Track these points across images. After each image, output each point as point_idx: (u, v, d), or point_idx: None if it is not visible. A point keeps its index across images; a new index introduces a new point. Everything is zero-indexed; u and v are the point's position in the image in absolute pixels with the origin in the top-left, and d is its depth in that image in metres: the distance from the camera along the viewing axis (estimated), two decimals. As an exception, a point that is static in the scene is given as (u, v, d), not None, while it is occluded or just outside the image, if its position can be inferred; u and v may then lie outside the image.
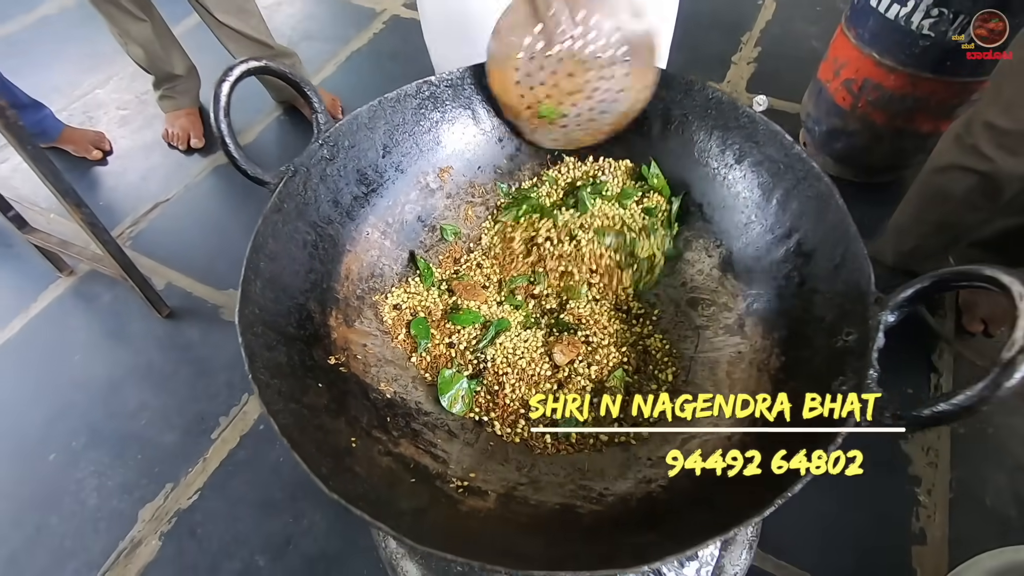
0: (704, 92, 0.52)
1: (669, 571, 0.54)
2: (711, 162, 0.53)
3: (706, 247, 0.54)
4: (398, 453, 0.40)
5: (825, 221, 0.44)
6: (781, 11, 1.87)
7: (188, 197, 1.46)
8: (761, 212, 0.50)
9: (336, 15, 1.99)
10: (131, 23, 1.40)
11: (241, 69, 0.46)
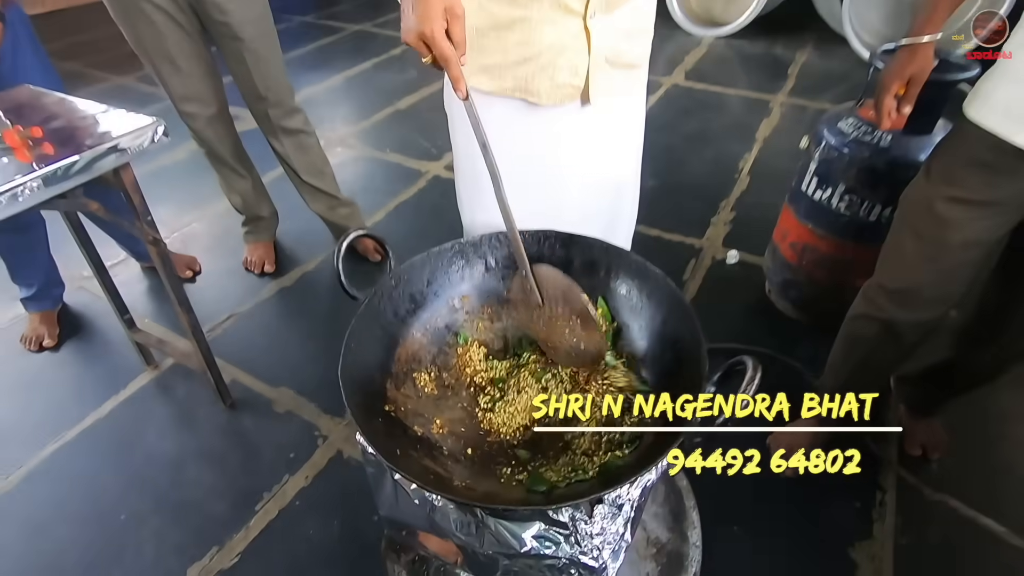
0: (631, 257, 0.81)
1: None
2: (631, 295, 0.80)
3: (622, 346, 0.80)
4: (424, 464, 0.62)
5: (676, 316, 0.70)
6: (753, 184, 2.28)
7: (257, 311, 1.78)
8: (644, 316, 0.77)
9: (389, 173, 2.47)
10: (236, 179, 1.83)
11: (353, 235, 0.76)
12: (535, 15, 0.77)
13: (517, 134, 0.87)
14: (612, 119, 0.92)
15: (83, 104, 1.14)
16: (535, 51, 0.80)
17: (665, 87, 3.14)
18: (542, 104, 0.84)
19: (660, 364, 0.74)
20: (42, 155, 0.97)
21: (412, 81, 3.29)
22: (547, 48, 0.80)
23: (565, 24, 0.78)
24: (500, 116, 0.86)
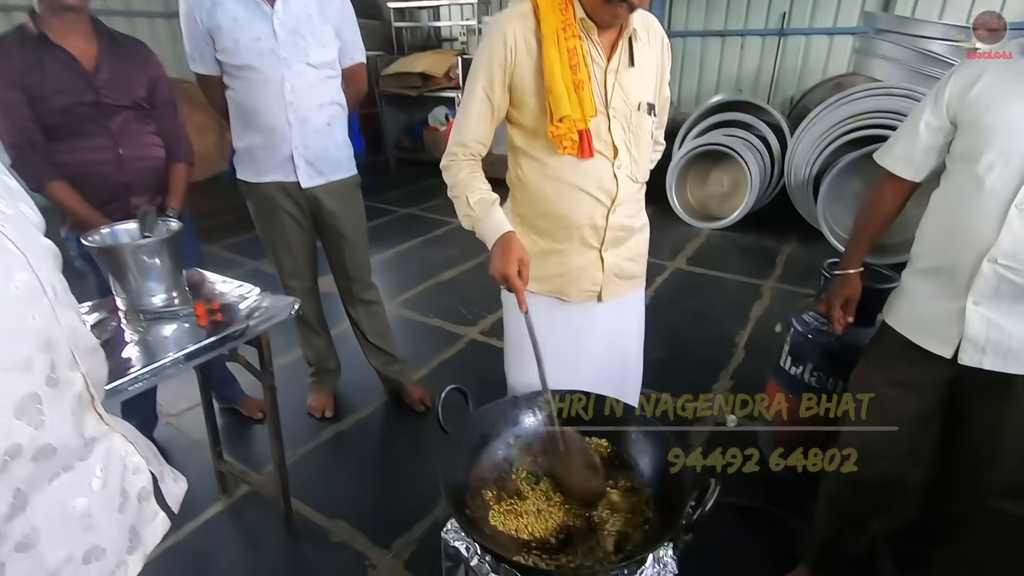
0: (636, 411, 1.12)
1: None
2: (636, 439, 1.10)
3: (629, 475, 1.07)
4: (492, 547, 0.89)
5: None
6: (748, 357, 2.62)
7: (317, 451, 2.05)
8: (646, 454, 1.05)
9: (432, 335, 2.88)
10: (314, 337, 2.23)
11: (448, 389, 1.10)
12: (567, 248, 1.20)
13: (553, 321, 1.25)
14: (620, 311, 1.31)
15: (235, 284, 1.57)
16: (567, 269, 1.22)
17: (670, 270, 3.66)
18: (571, 301, 1.24)
19: (657, 488, 1.02)
20: (215, 322, 1.36)
21: (453, 257, 3.88)
22: (575, 268, 1.21)
23: (587, 254, 1.21)
24: (541, 307, 1.25)
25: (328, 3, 1.80)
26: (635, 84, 1.15)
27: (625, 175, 1.18)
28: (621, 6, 1.04)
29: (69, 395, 0.61)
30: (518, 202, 1.24)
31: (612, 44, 1.13)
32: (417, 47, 7.13)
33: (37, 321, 0.57)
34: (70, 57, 1.56)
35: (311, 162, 1.86)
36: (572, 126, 1.08)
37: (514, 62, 1.11)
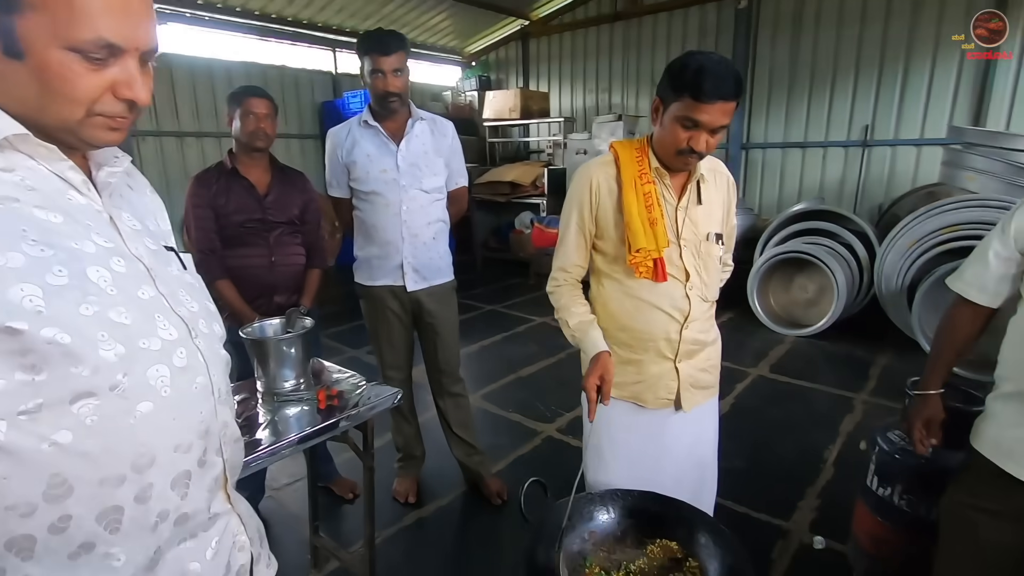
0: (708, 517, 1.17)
1: None
2: (707, 544, 1.14)
3: None
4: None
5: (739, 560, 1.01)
6: (838, 474, 2.50)
7: (398, 534, 2.17)
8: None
9: (511, 430, 2.99)
10: (404, 424, 2.43)
11: (529, 482, 1.22)
12: (644, 359, 1.34)
13: (632, 425, 1.36)
14: (696, 420, 1.39)
15: (348, 373, 1.81)
16: (644, 378, 1.34)
17: (751, 378, 3.60)
18: (648, 408, 1.35)
19: None
20: (331, 407, 1.59)
21: (533, 354, 4.05)
22: (651, 377, 1.34)
23: (663, 364, 1.33)
24: (621, 412, 1.37)
25: (441, 139, 2.18)
26: (703, 218, 1.33)
27: (697, 295, 1.33)
28: (691, 156, 1.24)
29: (210, 476, 0.73)
30: (600, 316, 1.41)
31: (682, 186, 1.33)
32: (508, 158, 7.85)
33: (203, 415, 0.70)
34: (250, 185, 2.01)
35: (417, 269, 2.16)
36: (648, 255, 1.26)
37: (598, 203, 1.34)
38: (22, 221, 0.57)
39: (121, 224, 0.68)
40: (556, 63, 7.83)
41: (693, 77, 1.15)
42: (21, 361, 0.55)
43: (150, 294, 0.66)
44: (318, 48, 7.10)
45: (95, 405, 0.59)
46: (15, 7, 0.55)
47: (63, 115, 0.60)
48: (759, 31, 6.03)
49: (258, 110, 1.97)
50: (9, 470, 0.56)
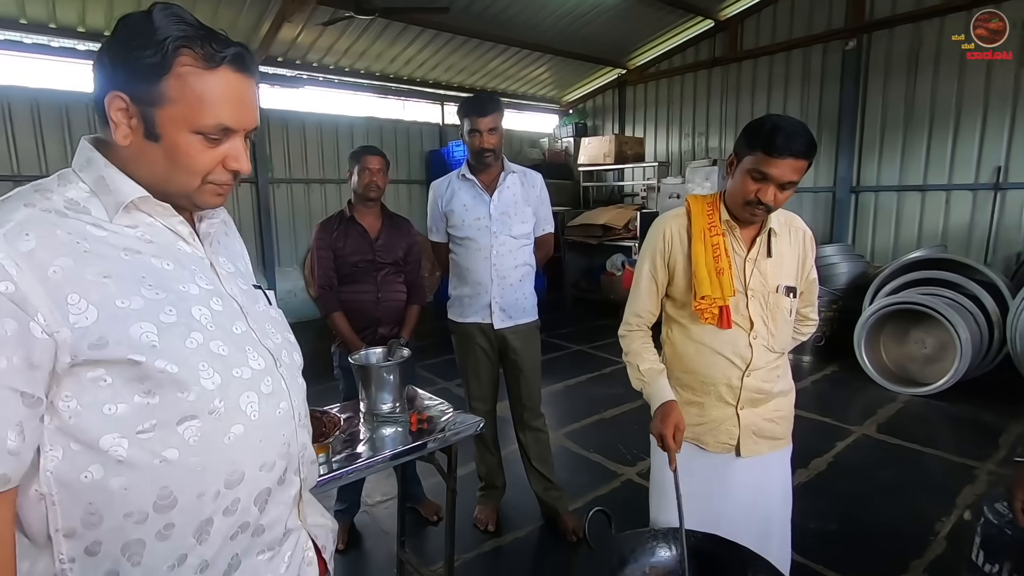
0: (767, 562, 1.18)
1: None
2: None
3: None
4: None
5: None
6: (950, 549, 2.27)
7: (477, 560, 2.29)
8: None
9: (591, 470, 3.03)
10: (487, 455, 2.57)
11: (594, 511, 1.31)
12: (706, 402, 1.39)
13: (692, 466, 1.41)
14: (761, 469, 1.41)
15: (437, 400, 1.99)
16: (705, 420, 1.39)
17: (855, 436, 3.35)
18: (708, 450, 1.39)
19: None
20: (421, 430, 1.77)
21: (618, 396, 4.06)
22: (712, 420, 1.38)
23: (724, 409, 1.37)
24: (682, 452, 1.41)
25: (530, 190, 2.38)
26: (773, 270, 1.38)
27: (761, 344, 1.36)
28: (759, 208, 1.31)
29: (288, 493, 0.80)
30: (666, 358, 1.48)
31: (752, 238, 1.39)
32: (601, 202, 7.99)
33: (285, 437, 0.78)
34: (364, 230, 2.32)
35: (504, 308, 2.33)
36: (713, 302, 1.33)
37: (669, 252, 1.43)
38: (142, 269, 0.69)
39: (219, 268, 0.79)
40: (652, 109, 7.94)
41: (767, 133, 1.23)
42: (140, 387, 0.65)
43: (242, 329, 0.76)
44: (427, 102, 7.78)
45: (197, 426, 0.68)
46: (159, 101, 0.67)
47: (183, 184, 0.72)
48: (869, 72, 5.78)
49: (372, 166, 2.29)
50: (128, 482, 0.65)
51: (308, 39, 5.78)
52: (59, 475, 0.64)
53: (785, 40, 6.33)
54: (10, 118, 4.95)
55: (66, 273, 0.63)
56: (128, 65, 0.67)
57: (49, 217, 0.65)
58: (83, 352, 0.62)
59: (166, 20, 0.67)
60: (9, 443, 0.60)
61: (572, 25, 6.44)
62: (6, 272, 0.59)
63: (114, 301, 0.65)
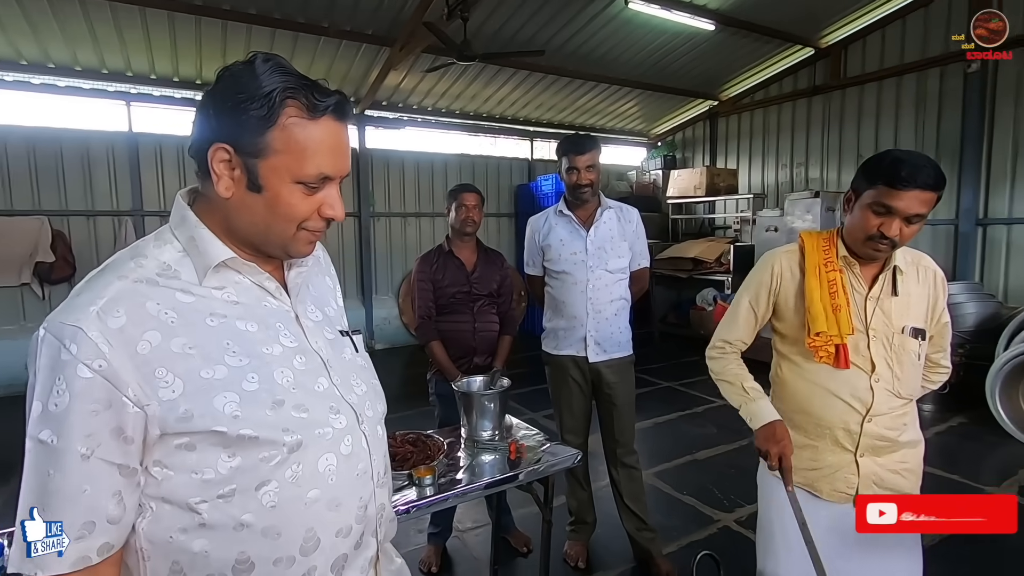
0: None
1: None
2: None
3: None
4: None
5: None
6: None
7: (567, 597, 2.26)
8: None
9: (685, 513, 2.91)
10: (579, 489, 2.55)
11: (702, 554, 1.28)
12: (820, 445, 1.32)
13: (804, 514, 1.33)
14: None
15: (534, 431, 2.03)
16: (819, 465, 1.32)
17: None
18: (823, 498, 1.31)
19: None
20: (520, 459, 1.81)
21: (711, 437, 3.88)
22: (827, 466, 1.31)
23: (841, 455, 1.30)
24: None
25: (627, 225, 2.41)
26: (898, 310, 1.31)
27: (884, 388, 1.28)
28: (882, 243, 1.25)
29: (364, 557, 0.78)
30: (777, 396, 1.43)
31: (874, 276, 1.33)
32: (690, 235, 7.81)
33: (363, 500, 0.75)
34: (461, 263, 2.43)
35: (599, 342, 2.35)
36: (828, 340, 1.28)
37: (779, 287, 1.40)
38: (227, 335, 0.70)
39: (304, 320, 0.78)
40: (746, 139, 7.73)
41: (890, 166, 1.19)
42: (223, 452, 0.66)
43: (325, 386, 0.75)
44: (516, 138, 8.06)
45: (275, 491, 0.67)
46: (263, 152, 0.67)
47: (281, 232, 0.72)
48: (997, 95, 5.31)
49: (469, 203, 2.42)
50: (209, 545, 0.66)
51: (410, 84, 6.23)
52: (148, 533, 0.66)
53: (896, 65, 5.97)
54: (138, 160, 5.73)
55: (154, 348, 0.64)
56: (233, 117, 0.67)
57: (140, 288, 0.67)
58: (171, 425, 0.64)
59: (270, 71, 0.67)
60: (110, 512, 0.63)
61: (663, 60, 6.47)
62: (99, 350, 0.61)
63: (199, 372, 0.66)
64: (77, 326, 0.62)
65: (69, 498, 0.61)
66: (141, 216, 5.66)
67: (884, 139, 6.14)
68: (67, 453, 0.61)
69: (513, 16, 5.23)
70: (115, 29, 4.64)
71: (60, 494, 0.61)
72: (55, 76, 5.16)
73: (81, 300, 0.64)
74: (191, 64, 5.38)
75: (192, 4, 4.47)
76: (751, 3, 5.45)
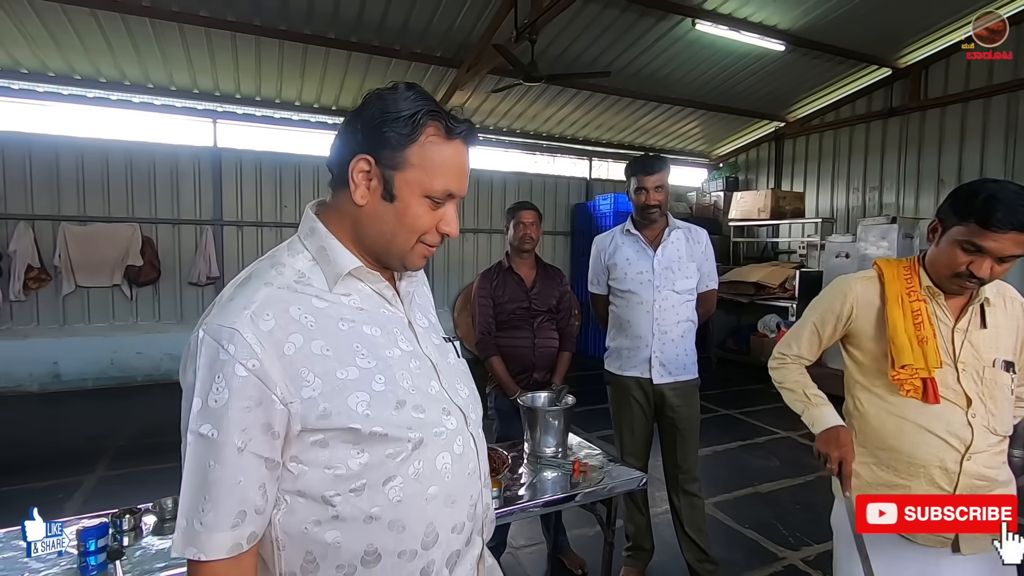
0: None
1: None
2: None
3: None
4: None
5: None
6: None
7: (623, 624, 2.20)
8: None
9: (746, 547, 2.79)
10: (637, 514, 2.49)
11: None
12: (913, 485, 1.24)
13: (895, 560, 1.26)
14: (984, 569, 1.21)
15: (596, 450, 2.01)
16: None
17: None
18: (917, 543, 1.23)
19: None
20: (583, 478, 1.79)
21: (773, 470, 3.72)
22: None
23: None
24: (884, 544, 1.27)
25: (695, 246, 2.37)
26: (987, 343, 1.23)
27: (982, 424, 1.20)
28: (970, 281, 1.18)
29: (472, 555, 0.81)
30: (857, 431, 1.36)
31: (961, 307, 1.26)
32: (752, 259, 7.58)
33: (473, 498, 0.80)
34: (520, 279, 2.46)
35: (664, 364, 2.31)
36: (915, 373, 1.22)
37: (853, 316, 1.34)
38: (356, 339, 0.75)
39: (416, 326, 0.83)
40: (814, 162, 7.47)
41: (983, 203, 1.12)
42: (354, 449, 0.70)
43: (436, 388, 0.79)
44: (575, 158, 8.10)
45: (400, 486, 0.72)
46: (401, 165, 0.74)
47: (403, 243, 0.78)
48: (1099, 118, 4.93)
49: (527, 220, 2.45)
50: (340, 536, 0.70)
51: (474, 104, 6.40)
52: (284, 525, 0.71)
53: (983, 86, 5.65)
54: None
55: (298, 349, 0.69)
56: (379, 132, 0.74)
57: (283, 295, 0.72)
58: (311, 422, 0.69)
59: (414, 96, 0.75)
60: (257, 503, 0.67)
61: (729, 80, 6.38)
62: (252, 351, 0.66)
63: (335, 373, 0.71)
64: (234, 328, 0.67)
65: (227, 488, 0.66)
66: (220, 226, 6.03)
67: (969, 165, 5.79)
68: (226, 446, 0.66)
69: (579, 37, 5.30)
70: (208, 52, 5.03)
71: (220, 484, 0.66)
72: (152, 95, 5.62)
73: (235, 304, 0.70)
74: (272, 85, 5.73)
75: (276, 29, 4.79)
76: (824, 23, 5.31)
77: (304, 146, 6.51)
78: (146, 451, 3.90)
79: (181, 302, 5.96)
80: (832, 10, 5.10)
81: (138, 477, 3.46)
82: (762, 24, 5.31)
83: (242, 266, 6.45)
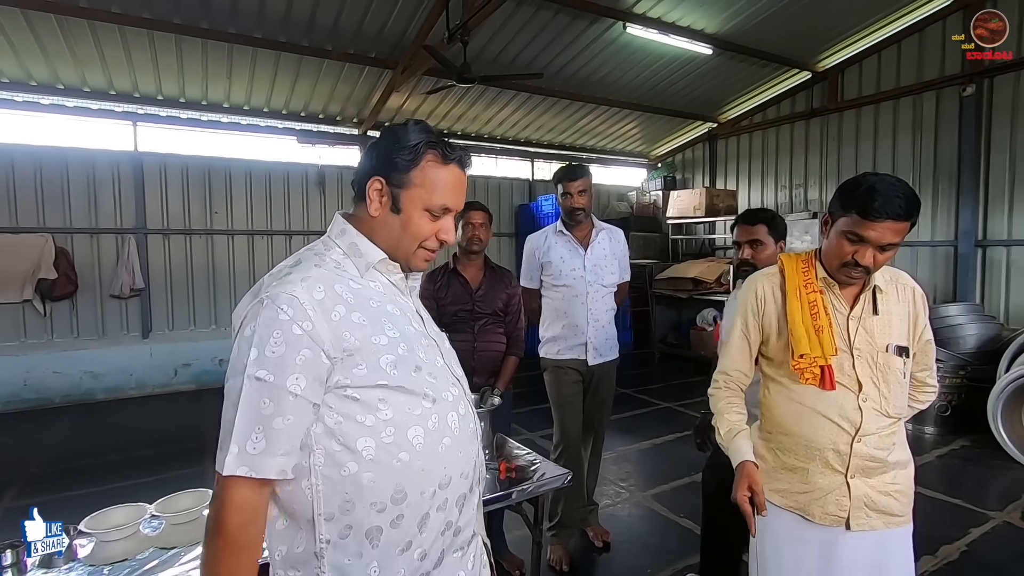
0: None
1: None
2: None
3: None
4: None
5: None
6: None
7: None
8: None
9: (683, 537, 2.86)
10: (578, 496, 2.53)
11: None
12: (810, 468, 1.31)
13: (796, 538, 1.32)
14: (877, 549, 1.29)
15: (525, 450, 2.01)
16: (810, 488, 1.30)
17: (993, 523, 2.93)
18: (815, 522, 1.29)
19: None
20: (510, 479, 1.79)
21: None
22: (818, 488, 1.29)
23: (831, 477, 1.28)
24: (785, 523, 1.33)
25: (616, 245, 2.60)
26: (880, 329, 1.30)
27: (872, 408, 1.27)
28: (856, 270, 1.25)
29: (473, 500, 0.98)
30: (765, 419, 1.42)
31: (855, 295, 1.33)
32: (691, 255, 7.82)
33: (474, 452, 0.97)
34: (465, 281, 2.41)
35: (596, 347, 2.51)
36: (813, 361, 1.27)
37: (764, 311, 1.40)
38: (383, 315, 0.92)
39: (422, 314, 1.02)
40: (745, 161, 7.79)
41: (863, 195, 1.19)
42: (382, 404, 0.86)
43: (441, 364, 0.97)
44: (518, 159, 8.14)
45: (422, 436, 0.88)
46: (406, 185, 0.93)
47: (407, 247, 0.96)
48: (992, 117, 5.36)
49: (476, 220, 2.40)
50: (375, 477, 0.85)
51: (412, 105, 6.32)
52: (324, 470, 0.84)
53: (892, 88, 6.04)
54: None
55: (342, 317, 0.86)
56: (389, 159, 0.93)
57: (329, 275, 0.90)
58: (350, 376, 0.84)
59: (418, 129, 0.95)
60: (300, 441, 0.83)
61: (662, 83, 6.56)
62: (307, 314, 0.83)
63: (370, 339, 0.87)
64: (293, 295, 0.83)
65: (279, 423, 0.80)
66: (144, 234, 5.71)
67: (882, 160, 6.18)
68: (280, 388, 0.81)
69: (513, 40, 5.33)
70: (123, 51, 4.75)
71: (273, 419, 0.80)
72: (64, 97, 5.26)
73: (293, 277, 0.87)
74: (197, 86, 5.47)
75: (199, 28, 4.58)
76: (748, 28, 5.54)
77: (235, 149, 6.26)
78: (63, 476, 3.63)
79: (103, 316, 5.60)
80: (755, 16, 5.33)
81: (52, 506, 3.21)
82: (690, 28, 5.49)
83: (171, 276, 6.03)
